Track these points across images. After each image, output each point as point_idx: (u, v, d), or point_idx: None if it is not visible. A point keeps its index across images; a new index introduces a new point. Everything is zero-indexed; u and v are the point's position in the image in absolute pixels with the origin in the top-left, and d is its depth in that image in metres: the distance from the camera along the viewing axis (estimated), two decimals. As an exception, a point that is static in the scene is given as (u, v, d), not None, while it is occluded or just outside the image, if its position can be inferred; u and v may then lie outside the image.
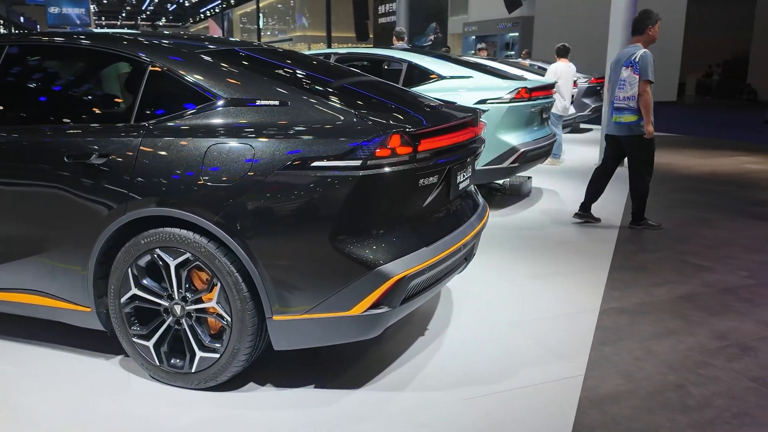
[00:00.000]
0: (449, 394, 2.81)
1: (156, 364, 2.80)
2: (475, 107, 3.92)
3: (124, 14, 65.22)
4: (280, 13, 50.33)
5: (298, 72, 3.21)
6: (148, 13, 66.18)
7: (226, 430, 2.54)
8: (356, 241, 2.53)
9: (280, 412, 2.66)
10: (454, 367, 3.05)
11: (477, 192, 3.55)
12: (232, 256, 2.59)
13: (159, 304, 2.77)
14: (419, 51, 7.61)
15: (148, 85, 2.83)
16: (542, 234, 5.47)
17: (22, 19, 48.44)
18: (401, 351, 3.20)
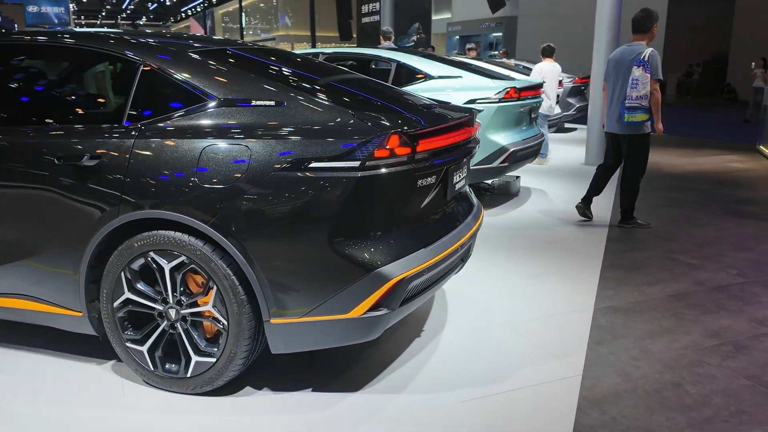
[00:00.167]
0: (448, 396, 2.79)
1: (150, 369, 2.75)
2: (471, 107, 3.91)
3: (103, 13, 64.49)
4: (263, 13, 50.10)
5: (293, 72, 3.17)
6: (128, 12, 65.50)
7: (224, 435, 2.50)
8: (355, 243, 2.50)
9: (277, 416, 2.63)
10: (452, 369, 3.04)
11: (471, 192, 3.54)
12: (228, 258, 2.55)
13: (153, 308, 2.72)
14: (408, 51, 7.60)
15: (141, 85, 2.78)
16: (533, 233, 5.48)
17: (-1, 18, 47.72)
18: (398, 353, 3.18)
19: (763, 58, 17.04)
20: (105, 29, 3.77)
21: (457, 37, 25.39)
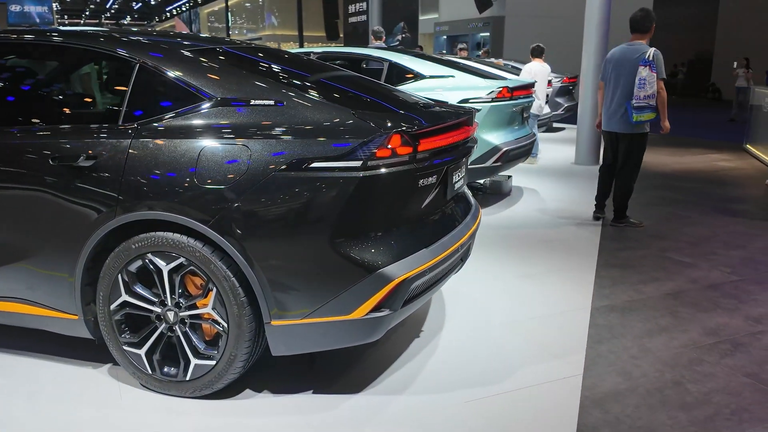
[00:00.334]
0: (449, 397, 2.77)
1: (148, 372, 2.71)
2: (470, 107, 3.90)
3: (87, 12, 63.83)
4: (249, 12, 49.85)
5: (291, 71, 3.13)
6: (112, 12, 64.92)
7: (225, 439, 2.47)
8: (356, 244, 2.48)
9: (278, 419, 2.60)
10: (452, 369, 3.02)
11: (469, 192, 3.53)
12: (227, 260, 2.51)
13: (151, 311, 2.68)
14: (400, 50, 7.57)
15: (137, 84, 2.73)
16: (527, 232, 5.48)
17: (-19, 17, 47.09)
18: (398, 354, 3.16)
19: (746, 58, 17.25)
20: (95, 29, 3.71)
21: (445, 37, 25.38)
